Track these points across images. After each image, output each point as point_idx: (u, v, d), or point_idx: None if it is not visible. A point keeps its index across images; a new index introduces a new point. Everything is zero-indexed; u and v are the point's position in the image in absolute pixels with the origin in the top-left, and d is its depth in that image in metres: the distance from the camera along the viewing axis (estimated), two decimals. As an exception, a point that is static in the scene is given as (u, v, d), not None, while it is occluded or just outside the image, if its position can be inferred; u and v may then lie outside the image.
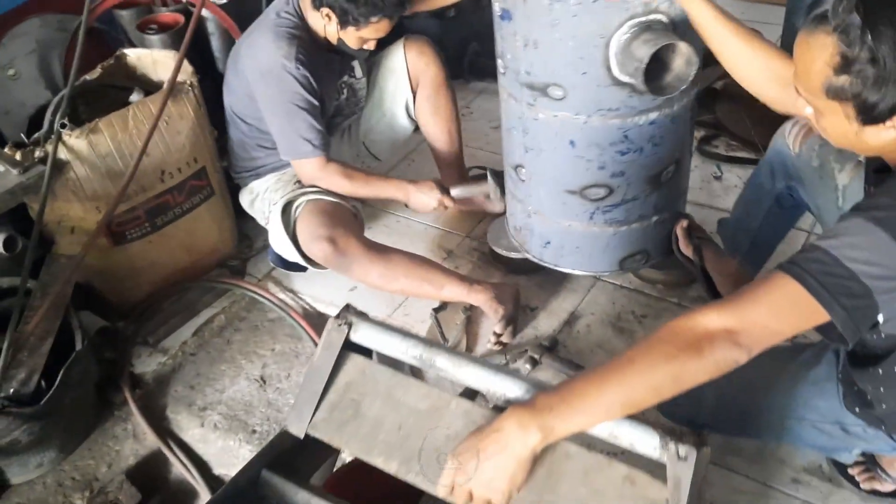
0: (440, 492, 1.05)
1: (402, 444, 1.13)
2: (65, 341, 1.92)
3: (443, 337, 2.14)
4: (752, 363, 1.67)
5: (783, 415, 1.51)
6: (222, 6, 2.64)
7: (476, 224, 2.52)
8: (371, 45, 2.11)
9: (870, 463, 1.65)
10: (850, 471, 1.67)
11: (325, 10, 2.00)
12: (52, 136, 1.98)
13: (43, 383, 1.86)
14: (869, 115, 1.04)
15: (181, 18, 2.66)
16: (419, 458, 1.11)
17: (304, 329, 2.21)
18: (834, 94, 1.05)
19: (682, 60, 1.66)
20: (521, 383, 1.08)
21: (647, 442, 0.99)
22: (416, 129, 2.50)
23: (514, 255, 2.27)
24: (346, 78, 2.28)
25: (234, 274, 2.42)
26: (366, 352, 1.22)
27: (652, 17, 1.63)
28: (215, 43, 2.77)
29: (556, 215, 2.04)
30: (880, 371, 1.30)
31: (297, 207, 2.15)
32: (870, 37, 0.98)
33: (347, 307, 1.21)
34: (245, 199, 2.36)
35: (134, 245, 2.20)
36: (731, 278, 2.05)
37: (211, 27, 2.72)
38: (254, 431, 1.98)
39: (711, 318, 1.04)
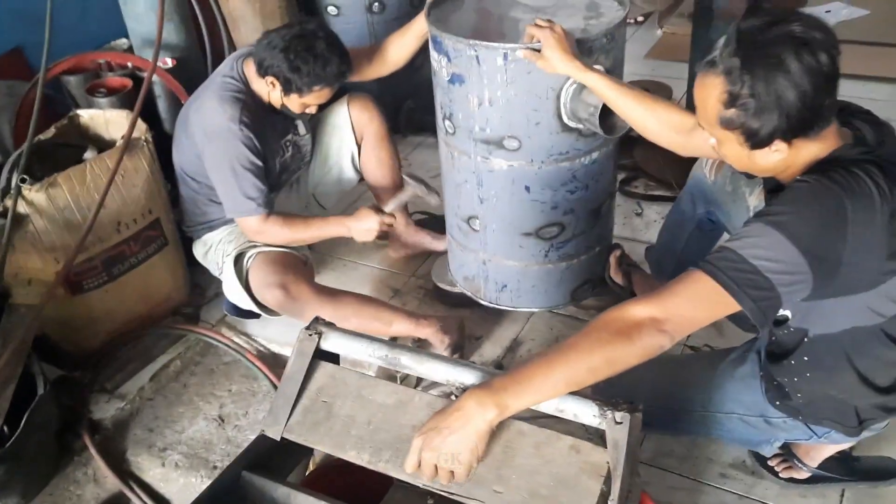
0: (408, 468, 1.17)
1: (372, 437, 1.25)
2: (25, 388, 1.97)
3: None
4: (684, 363, 1.88)
5: (714, 409, 1.68)
6: (169, 70, 2.79)
7: (420, 264, 2.67)
8: (312, 110, 2.26)
9: (787, 454, 1.83)
10: (770, 462, 1.85)
11: (270, 79, 2.13)
12: (12, 191, 2.07)
13: (5, 429, 1.90)
14: (754, 140, 1.25)
15: (129, 82, 2.79)
16: (388, 448, 1.23)
17: (259, 370, 2.30)
18: (726, 124, 1.26)
19: None
20: (477, 372, 1.23)
21: (588, 412, 1.15)
22: (362, 179, 2.66)
23: (456, 290, 2.43)
24: (289, 136, 2.41)
25: (189, 320, 2.50)
26: (335, 359, 1.35)
27: (595, 67, 1.83)
28: (162, 105, 2.90)
29: (514, 258, 2.21)
30: (792, 362, 1.49)
31: (249, 258, 2.26)
32: (748, 76, 1.19)
33: (317, 319, 1.34)
34: (199, 250, 2.45)
35: (91, 294, 2.27)
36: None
37: (158, 90, 2.85)
38: (215, 467, 2.04)
39: (639, 309, 1.21)
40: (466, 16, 2.13)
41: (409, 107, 3.34)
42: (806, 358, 1.45)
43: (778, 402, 1.57)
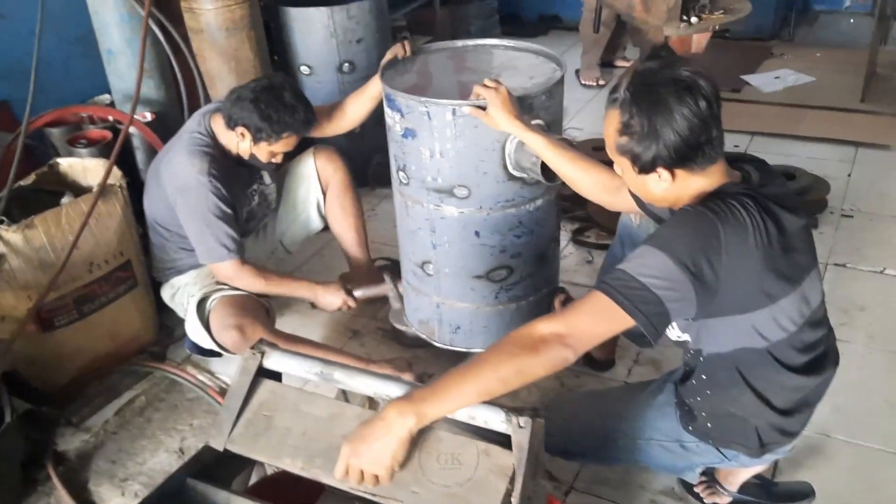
0: (337, 474, 1.29)
1: (306, 447, 1.37)
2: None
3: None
4: (610, 397, 2.01)
5: (636, 436, 1.80)
6: (147, 123, 2.96)
7: (380, 308, 2.80)
8: (279, 159, 2.43)
9: (710, 480, 1.95)
10: (696, 489, 1.97)
11: (241, 129, 2.30)
12: (-9, 232, 2.20)
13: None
14: (640, 165, 1.41)
15: (109, 134, 2.96)
16: (320, 456, 1.35)
17: (221, 405, 2.40)
18: (620, 151, 1.43)
19: None
20: (402, 385, 1.36)
21: (496, 419, 1.27)
22: (326, 227, 2.82)
23: (411, 331, 2.56)
24: (255, 186, 2.56)
25: (155, 359, 2.61)
26: (277, 376, 1.47)
27: (535, 122, 2.01)
28: (140, 156, 3.08)
29: (466, 300, 2.35)
30: (694, 382, 1.63)
31: (212, 300, 2.38)
32: (636, 109, 1.37)
33: (261, 340, 1.47)
34: (166, 293, 2.57)
35: (61, 332, 2.38)
36: (600, 340, 2.41)
37: (136, 142, 3.03)
38: (173, 497, 2.12)
39: (545, 326, 1.35)
40: (417, 76, 2.33)
41: (376, 161, 3.52)
42: (704, 376, 1.59)
43: (690, 427, 1.69)
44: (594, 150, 3.07)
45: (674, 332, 1.61)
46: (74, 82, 3.20)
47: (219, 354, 2.43)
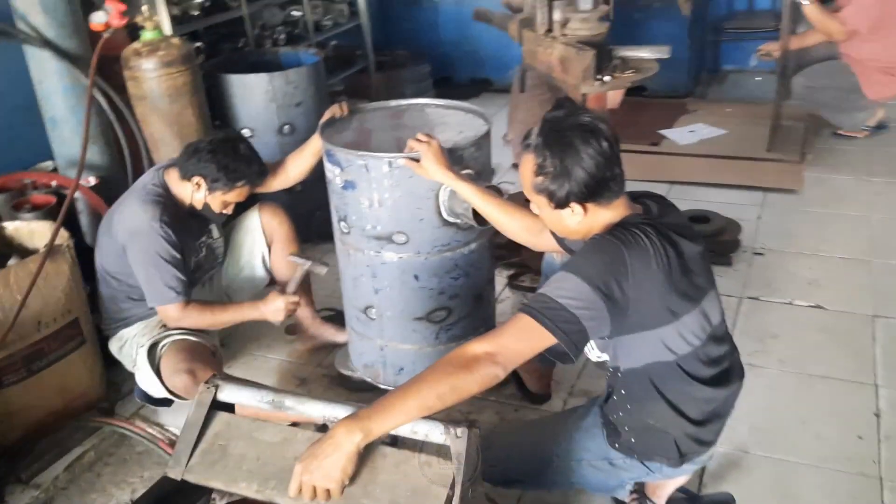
0: (291, 492, 1.39)
1: (260, 470, 1.46)
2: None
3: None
4: (542, 424, 2.14)
5: (568, 458, 1.94)
6: (92, 187, 3.05)
7: (325, 355, 2.90)
8: (230, 210, 2.56)
9: (640, 496, 2.09)
10: (628, 505, 2.11)
11: (197, 179, 2.43)
12: (-61, 292, 2.25)
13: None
14: (556, 201, 1.59)
15: (53, 199, 3.03)
16: (274, 478, 1.44)
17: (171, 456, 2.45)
18: (537, 190, 1.61)
19: None
20: (348, 408, 1.47)
21: (436, 431, 1.40)
22: (272, 281, 2.92)
23: (357, 375, 2.67)
24: (204, 238, 2.67)
25: (104, 414, 2.64)
26: (231, 408, 1.57)
27: (464, 172, 2.18)
28: (84, 219, 3.14)
29: (408, 342, 2.47)
30: (615, 398, 1.78)
31: (162, 347, 2.46)
32: (548, 152, 1.56)
33: (214, 375, 1.57)
34: (114, 346, 2.63)
35: (10, 389, 2.41)
36: (535, 374, 2.57)
37: (81, 206, 3.10)
38: (123, 547, 2.16)
39: (476, 346, 1.49)
40: (355, 133, 2.50)
41: (319, 216, 3.65)
42: (623, 391, 1.75)
43: (616, 444, 1.84)
44: (526, 201, 3.28)
45: (594, 353, 1.77)
46: (18, 150, 3.26)
47: (169, 403, 2.48)
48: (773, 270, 3.32)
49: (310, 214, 3.67)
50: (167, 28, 3.51)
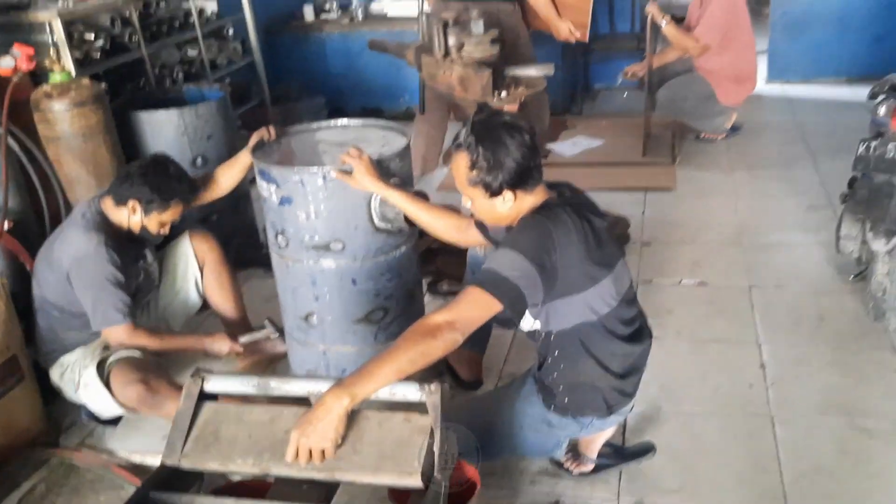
0: (289, 456, 1.55)
1: (254, 447, 1.62)
2: None
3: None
4: (488, 398, 2.37)
5: (510, 426, 2.18)
6: (9, 231, 3.05)
7: (265, 368, 3.02)
8: (166, 230, 2.67)
9: (574, 452, 2.35)
10: (564, 464, 2.35)
11: (132, 203, 2.53)
12: None
13: None
14: (491, 190, 1.85)
15: (-29, 244, 3.01)
16: (267, 451, 1.60)
17: (125, 479, 2.51)
18: (472, 183, 1.86)
19: None
20: (329, 381, 1.65)
21: (412, 390, 1.61)
22: (205, 306, 3.02)
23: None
24: (141, 262, 2.76)
25: (49, 448, 2.66)
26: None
27: (392, 180, 2.39)
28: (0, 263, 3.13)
29: (349, 343, 2.64)
30: (549, 360, 2.04)
31: (109, 363, 2.53)
32: (480, 147, 1.81)
33: (198, 370, 1.71)
34: (55, 373, 2.67)
35: (-48, 430, 2.41)
36: (467, 363, 2.80)
37: (-2, 251, 3.09)
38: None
39: (437, 317, 1.72)
40: (283, 154, 2.67)
41: (236, 244, 3.77)
42: (556, 352, 2.01)
43: (552, 406, 2.09)
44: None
45: (527, 322, 2.03)
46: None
47: (116, 421, 2.54)
48: (660, 257, 3.72)
49: (227, 243, 3.77)
50: (71, 70, 3.55)
